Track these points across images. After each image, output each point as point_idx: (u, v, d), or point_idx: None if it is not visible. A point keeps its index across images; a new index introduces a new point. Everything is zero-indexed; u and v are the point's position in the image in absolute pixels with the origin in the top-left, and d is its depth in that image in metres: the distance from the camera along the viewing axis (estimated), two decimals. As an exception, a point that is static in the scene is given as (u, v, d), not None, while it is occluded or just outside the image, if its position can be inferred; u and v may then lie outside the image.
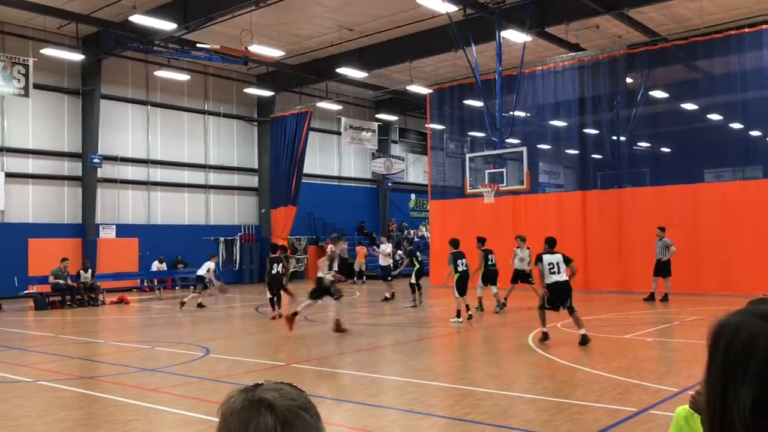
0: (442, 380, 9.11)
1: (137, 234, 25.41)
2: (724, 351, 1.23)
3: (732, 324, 1.25)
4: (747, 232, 18.65)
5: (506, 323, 14.97)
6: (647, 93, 22.86)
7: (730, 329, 1.24)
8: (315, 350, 11.97)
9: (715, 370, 1.24)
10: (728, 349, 1.22)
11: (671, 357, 10.75)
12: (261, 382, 1.26)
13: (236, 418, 1.19)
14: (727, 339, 1.23)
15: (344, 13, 21.96)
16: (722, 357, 1.23)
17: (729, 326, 1.25)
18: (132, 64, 25.71)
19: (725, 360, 1.22)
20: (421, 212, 37.21)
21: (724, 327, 1.26)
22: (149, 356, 11.45)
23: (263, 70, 28.54)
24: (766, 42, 18.66)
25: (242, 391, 1.23)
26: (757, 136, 20.91)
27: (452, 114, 26.74)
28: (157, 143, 26.62)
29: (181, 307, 18.25)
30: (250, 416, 1.18)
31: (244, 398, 1.21)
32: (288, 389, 1.23)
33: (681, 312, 15.68)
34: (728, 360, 1.22)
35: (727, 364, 1.22)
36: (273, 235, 28.73)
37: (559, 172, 34.64)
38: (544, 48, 23.87)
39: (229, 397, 1.23)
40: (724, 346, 1.23)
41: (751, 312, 1.26)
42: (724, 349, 1.23)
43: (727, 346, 1.23)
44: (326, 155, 33.35)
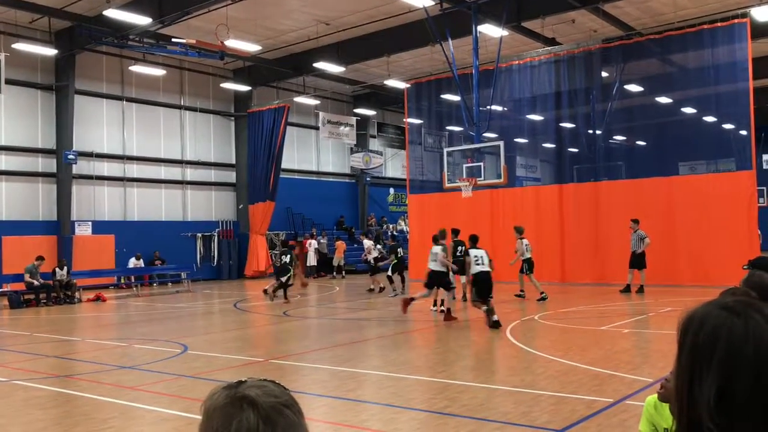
0: (421, 374, 9.15)
1: (113, 231, 25.15)
2: (691, 341, 1.28)
3: (698, 316, 1.30)
4: (720, 223, 18.93)
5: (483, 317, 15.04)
6: (622, 87, 23.07)
7: (697, 321, 1.29)
8: (294, 345, 11.97)
9: (683, 360, 1.28)
10: (695, 340, 1.27)
11: (647, 348, 10.90)
12: (244, 379, 1.26)
13: (219, 415, 1.19)
14: (694, 330, 1.28)
15: (321, 7, 21.88)
16: (689, 347, 1.28)
17: (696, 318, 1.30)
18: (106, 59, 25.41)
19: (692, 350, 1.27)
20: (400, 206, 37.28)
21: (692, 318, 1.30)
22: (126, 354, 11.37)
23: (240, 65, 28.35)
24: (738, 36, 18.90)
25: (225, 388, 1.23)
26: (730, 129, 21.19)
27: (430, 108, 26.78)
28: (133, 139, 26.35)
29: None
30: (232, 413, 1.18)
31: (227, 395, 1.22)
32: (271, 386, 1.24)
33: (656, 303, 15.89)
34: (695, 350, 1.26)
35: (693, 354, 1.26)
36: (251, 231, 28.63)
37: (536, 166, 34.83)
38: (520, 42, 23.98)
39: (213, 393, 1.24)
40: (691, 336, 1.28)
41: (716, 304, 1.31)
42: (691, 340, 1.28)
43: (694, 336, 1.27)
44: (304, 150, 33.25)
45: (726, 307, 1.28)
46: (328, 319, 15.55)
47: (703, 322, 1.28)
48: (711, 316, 1.28)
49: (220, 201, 29.62)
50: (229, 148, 29.98)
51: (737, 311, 1.26)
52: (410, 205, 27.01)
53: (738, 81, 19.40)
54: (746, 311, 1.25)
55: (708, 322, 1.27)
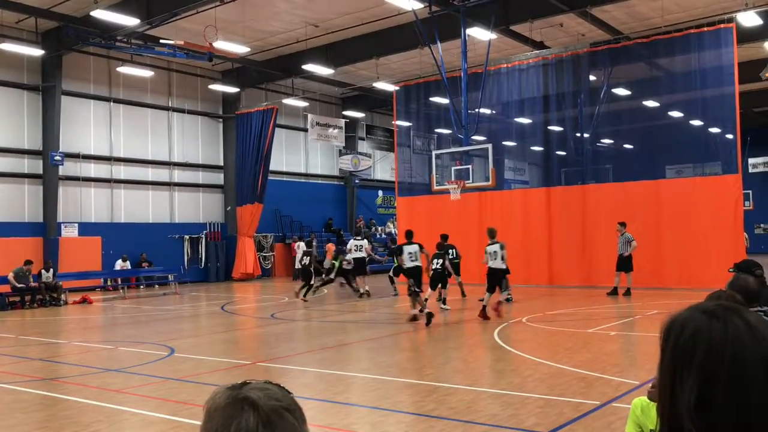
0: (409, 376, 9.15)
1: (100, 232, 24.99)
2: (672, 345, 1.30)
3: (680, 320, 1.32)
4: (706, 227, 19.06)
5: (473, 319, 15.08)
6: (610, 90, 23.20)
7: (678, 324, 1.31)
8: (281, 348, 11.93)
9: (665, 363, 1.31)
10: (676, 343, 1.29)
11: (633, 350, 10.95)
12: (248, 381, 1.25)
13: (219, 416, 1.19)
14: (676, 334, 1.30)
15: (310, 9, 21.86)
16: (671, 350, 1.30)
17: (677, 322, 1.32)
18: (94, 59, 25.27)
19: (673, 353, 1.29)
20: (389, 209, 37.28)
21: (674, 322, 1.33)
22: (113, 356, 11.29)
23: (228, 66, 28.28)
24: (724, 41, 19.05)
25: (228, 389, 1.23)
26: (717, 133, 21.35)
27: (419, 111, 26.81)
28: (120, 140, 26.21)
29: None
30: (233, 414, 1.17)
31: (229, 395, 1.21)
32: (274, 389, 1.23)
33: (643, 306, 15.97)
34: (676, 353, 1.28)
35: (674, 358, 1.28)
36: (239, 233, 28.54)
37: (524, 169, 34.96)
38: (509, 46, 24.06)
39: (215, 393, 1.23)
40: (672, 340, 1.30)
41: (698, 308, 1.33)
42: (672, 344, 1.30)
43: (675, 340, 1.29)
44: (293, 152, 33.19)
45: (707, 311, 1.30)
46: (316, 321, 15.53)
47: (684, 325, 1.30)
48: (692, 320, 1.30)
49: (208, 203, 29.51)
50: (217, 149, 29.88)
51: (718, 315, 1.28)
52: (399, 208, 27.02)
53: (724, 85, 19.56)
54: (727, 315, 1.27)
55: (689, 326, 1.29)
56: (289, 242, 31.11)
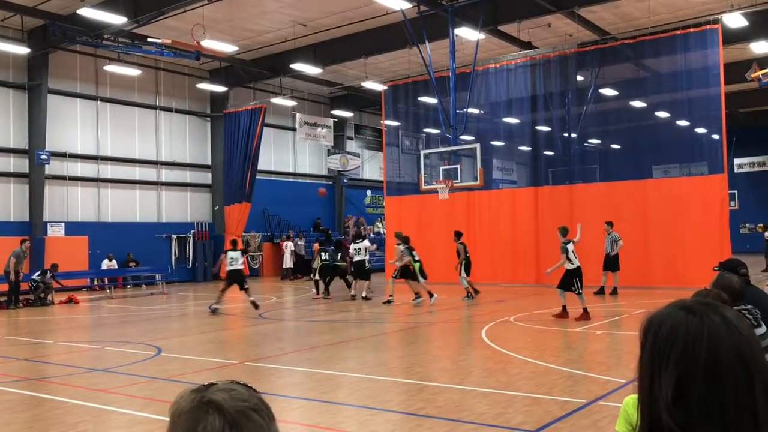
0: (396, 375, 9.16)
1: (87, 232, 24.84)
2: (651, 341, 1.32)
3: (658, 316, 1.34)
4: (693, 226, 19.20)
5: (460, 318, 15.13)
6: (597, 90, 23.31)
7: (656, 321, 1.33)
8: (269, 348, 11.92)
9: (644, 359, 1.33)
10: (654, 339, 1.31)
11: (620, 349, 11.00)
12: (214, 382, 1.24)
13: (184, 420, 1.17)
14: (654, 330, 1.32)
15: (298, 8, 21.83)
16: (650, 347, 1.32)
17: (656, 318, 1.34)
18: (80, 58, 25.11)
19: (652, 349, 1.31)
20: (377, 208, 37.28)
21: (652, 319, 1.35)
22: (99, 356, 11.24)
23: (216, 65, 28.18)
24: (710, 42, 19.19)
25: (192, 392, 1.21)
26: (702, 133, 21.50)
27: (407, 110, 26.84)
28: (107, 139, 26.07)
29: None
30: (198, 418, 1.16)
31: (193, 399, 1.19)
32: (240, 390, 1.21)
33: (630, 305, 16.06)
34: (654, 349, 1.31)
35: (653, 354, 1.31)
36: (227, 233, 28.43)
37: (512, 169, 35.06)
38: (497, 46, 24.13)
39: (179, 397, 1.21)
40: (651, 336, 1.32)
41: (676, 305, 1.35)
42: (651, 340, 1.32)
43: (654, 336, 1.32)
44: (281, 151, 33.14)
45: (685, 307, 1.33)
46: (304, 321, 15.51)
47: (662, 322, 1.32)
48: (670, 316, 1.32)
49: (196, 202, 29.40)
50: (204, 148, 29.77)
51: (695, 311, 1.30)
52: (387, 207, 27.02)
53: (710, 86, 19.71)
54: (704, 311, 1.30)
55: (667, 322, 1.31)
56: (277, 242, 31.06)
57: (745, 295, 5.01)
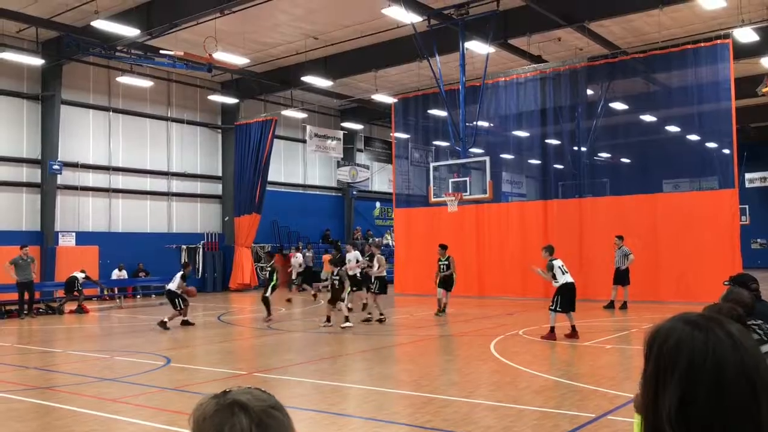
0: (404, 388, 9.15)
1: (98, 242, 24.96)
2: (656, 355, 1.33)
3: (664, 330, 1.35)
4: (703, 241, 19.10)
5: (468, 331, 15.09)
6: (607, 104, 23.31)
7: (662, 335, 1.34)
8: (277, 359, 11.92)
9: (649, 372, 1.34)
10: (659, 353, 1.32)
11: (629, 363, 10.95)
12: (229, 389, 1.28)
13: (210, 423, 1.20)
14: (659, 343, 1.33)
15: (309, 21, 21.98)
16: (654, 360, 1.33)
17: (661, 332, 1.35)
18: (94, 69, 25.35)
19: (656, 363, 1.32)
20: (386, 220, 37.30)
21: (657, 332, 1.36)
22: (108, 366, 11.28)
23: (228, 77, 28.38)
24: (721, 56, 19.18)
25: (213, 397, 1.25)
26: (713, 147, 21.44)
27: (417, 123, 26.92)
28: (119, 150, 26.26)
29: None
30: (224, 419, 1.20)
31: (216, 402, 1.23)
32: (257, 392, 1.27)
33: (639, 319, 15.98)
34: (659, 363, 1.31)
35: (658, 367, 1.31)
36: (237, 243, 28.54)
37: (522, 182, 35.04)
38: (506, 59, 24.18)
39: (200, 403, 1.24)
40: (656, 350, 1.33)
41: (681, 318, 1.36)
42: (656, 353, 1.33)
43: (659, 349, 1.32)
44: (291, 163, 33.25)
45: (690, 321, 1.34)
46: (312, 332, 15.51)
47: (667, 336, 1.33)
48: (675, 330, 1.33)
49: (206, 213, 29.52)
50: (215, 160, 29.93)
51: (700, 326, 1.31)
52: (396, 219, 27.05)
53: (721, 100, 19.67)
54: (709, 326, 1.30)
55: (672, 336, 1.32)
56: (286, 253, 31.09)
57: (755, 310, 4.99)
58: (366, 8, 20.23)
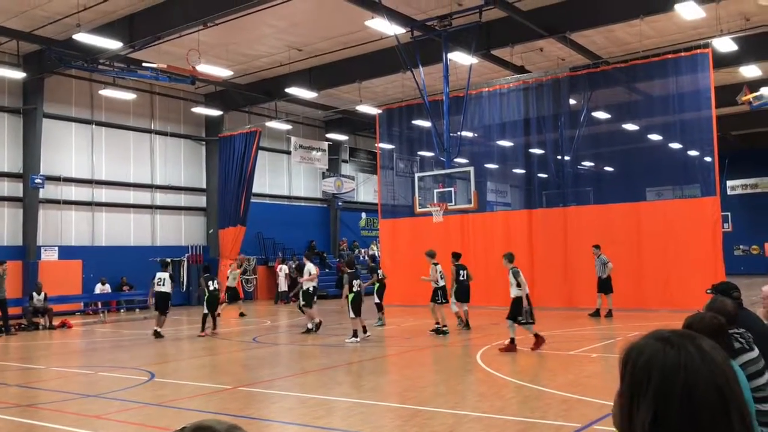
0: (391, 400, 9.11)
1: (81, 256, 24.76)
2: (629, 372, 1.36)
3: (636, 347, 1.39)
4: (686, 248, 19.24)
5: (454, 341, 15.07)
6: (590, 114, 23.48)
7: (635, 351, 1.38)
8: (262, 372, 11.84)
9: (623, 388, 1.37)
10: (633, 370, 1.35)
11: (615, 372, 10.89)
12: (186, 425, 1.33)
13: None
14: (632, 361, 1.37)
15: (293, 33, 22.00)
16: (628, 377, 1.36)
17: (635, 349, 1.39)
18: (76, 82, 25.21)
19: (630, 380, 1.35)
20: (372, 231, 37.28)
21: (631, 349, 1.39)
22: (92, 382, 11.15)
23: (211, 90, 28.33)
24: (701, 66, 19.40)
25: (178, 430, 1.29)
26: (695, 155, 21.63)
27: (401, 134, 26.98)
28: (102, 163, 26.09)
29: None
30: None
31: (182, 429, 1.28)
32: (213, 420, 1.32)
33: (624, 327, 16.05)
34: (632, 380, 1.35)
35: (632, 383, 1.35)
36: (221, 256, 28.39)
37: (506, 191, 35.19)
38: (490, 70, 24.33)
39: None
40: (630, 367, 1.37)
41: (653, 335, 1.40)
42: (629, 370, 1.36)
43: (632, 367, 1.36)
44: (276, 175, 33.19)
45: (662, 338, 1.37)
46: (298, 345, 15.43)
47: (641, 352, 1.36)
48: (648, 346, 1.36)
49: (190, 226, 29.36)
50: (199, 172, 29.81)
51: (672, 343, 1.34)
52: (382, 230, 27.05)
53: (701, 109, 19.88)
54: (681, 342, 1.33)
55: (645, 353, 1.35)
56: (271, 265, 30.99)
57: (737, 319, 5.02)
58: (349, 20, 20.29)
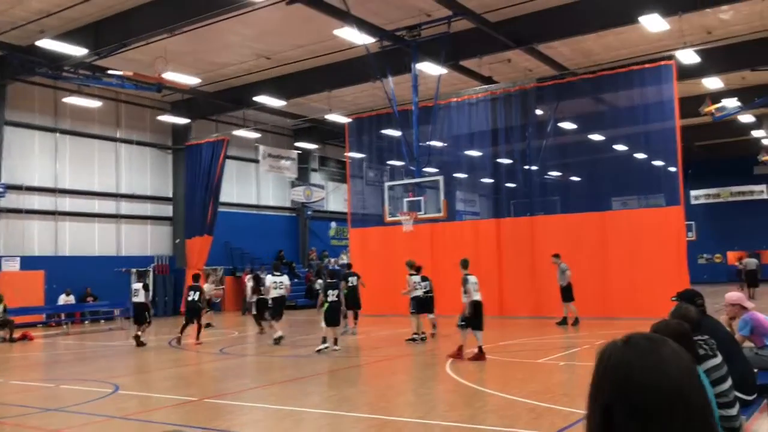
0: (360, 411, 9.04)
1: (44, 266, 24.25)
2: (594, 374, 1.43)
3: (605, 349, 1.45)
4: (651, 257, 19.51)
5: (424, 350, 15.05)
6: (557, 124, 23.76)
7: (603, 354, 1.44)
8: (230, 384, 11.68)
9: (591, 389, 1.43)
10: (596, 373, 1.42)
11: (582, 380, 11.04)
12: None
13: None
14: (598, 362, 1.43)
15: (261, 41, 21.91)
16: (592, 379, 1.43)
17: (603, 351, 1.45)
18: (39, 89, 24.77)
19: (593, 381, 1.42)
20: (342, 240, 37.17)
21: (602, 352, 1.46)
22: (53, 395, 10.89)
23: (178, 98, 28.05)
24: (665, 77, 19.75)
25: None
26: (660, 165, 21.99)
27: (371, 143, 26.99)
28: (66, 171, 25.65)
29: None
30: None
31: None
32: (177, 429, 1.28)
33: (591, 335, 16.18)
34: (594, 381, 1.41)
35: (593, 385, 1.42)
36: (188, 266, 28.03)
37: (475, 200, 35.39)
38: (458, 80, 24.49)
39: None
40: (595, 369, 1.43)
41: (622, 338, 1.45)
42: (594, 372, 1.43)
43: (597, 369, 1.42)
44: (244, 184, 32.95)
45: (627, 342, 1.42)
46: (266, 356, 15.28)
47: (603, 356, 1.42)
48: (611, 350, 1.42)
49: (156, 235, 28.98)
50: (166, 181, 29.47)
51: (633, 345, 1.40)
52: (351, 239, 26.99)
53: (666, 120, 20.22)
54: (646, 346, 1.39)
55: (607, 357, 1.41)
56: (239, 275, 30.69)
57: (701, 326, 5.08)
58: (318, 29, 20.27)
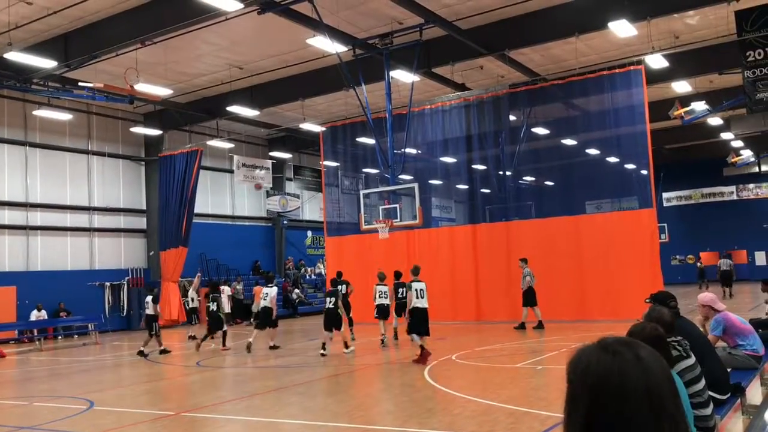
0: (338, 420, 9.00)
1: (15, 282, 23.83)
2: (570, 378, 1.41)
3: (579, 354, 1.44)
4: (625, 259, 19.71)
5: (402, 357, 15.04)
6: (529, 130, 23.95)
7: (577, 358, 1.43)
8: (207, 397, 11.57)
9: (566, 394, 1.42)
10: (572, 377, 1.41)
11: (560, 384, 11.10)
12: None
13: None
14: (573, 368, 1.42)
15: (234, 51, 21.82)
16: (569, 384, 1.41)
17: (577, 356, 1.44)
18: (8, 102, 24.42)
19: (570, 385, 1.41)
20: (318, 249, 37.08)
21: (575, 357, 1.44)
22: (26, 413, 10.70)
23: (150, 109, 27.82)
24: (635, 82, 20.03)
25: None
26: (631, 169, 22.26)
27: (346, 151, 26.99)
28: (37, 185, 25.29)
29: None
30: None
31: None
32: None
33: (567, 339, 16.30)
34: (572, 385, 1.40)
35: (571, 391, 1.40)
36: (163, 278, 27.75)
37: (451, 207, 35.53)
38: (431, 87, 24.60)
39: None
40: (571, 374, 1.42)
41: (596, 342, 1.45)
42: (570, 377, 1.42)
43: (572, 374, 1.41)
44: (219, 194, 32.74)
45: (602, 346, 1.41)
46: (244, 367, 15.17)
47: (579, 360, 1.41)
48: (587, 354, 1.42)
49: (130, 248, 28.66)
50: (139, 193, 29.18)
51: (610, 349, 1.41)
52: (328, 248, 26.91)
53: (636, 124, 20.48)
54: (618, 350, 1.38)
55: (583, 360, 1.40)
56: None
57: (675, 327, 5.14)
58: (291, 38, 20.24)
